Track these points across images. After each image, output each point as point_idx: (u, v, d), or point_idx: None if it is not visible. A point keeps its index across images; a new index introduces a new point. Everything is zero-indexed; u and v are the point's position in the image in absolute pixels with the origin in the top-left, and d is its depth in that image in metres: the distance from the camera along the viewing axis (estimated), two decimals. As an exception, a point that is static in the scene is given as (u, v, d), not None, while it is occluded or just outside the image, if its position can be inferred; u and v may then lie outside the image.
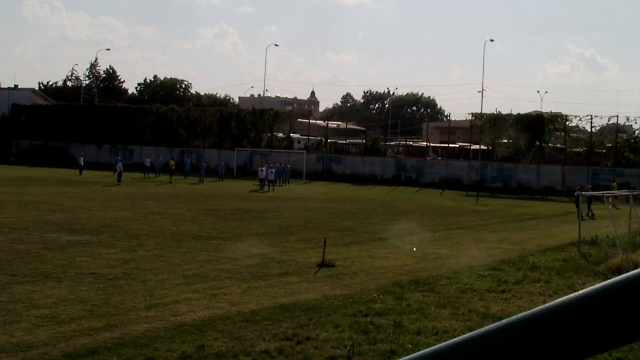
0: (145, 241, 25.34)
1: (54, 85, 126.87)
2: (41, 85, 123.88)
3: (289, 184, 61.10)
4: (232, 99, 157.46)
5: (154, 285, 17.41)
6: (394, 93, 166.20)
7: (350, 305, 15.98)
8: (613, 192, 39.56)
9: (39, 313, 14.32)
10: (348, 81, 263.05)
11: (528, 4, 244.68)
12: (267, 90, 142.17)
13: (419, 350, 1.29)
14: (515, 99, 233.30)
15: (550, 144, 74.57)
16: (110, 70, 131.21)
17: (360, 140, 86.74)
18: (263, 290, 17.45)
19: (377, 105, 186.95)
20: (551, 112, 79.10)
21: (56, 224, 29.11)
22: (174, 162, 67.44)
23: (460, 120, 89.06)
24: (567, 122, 71.72)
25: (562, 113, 74.19)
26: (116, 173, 59.44)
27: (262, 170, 60.04)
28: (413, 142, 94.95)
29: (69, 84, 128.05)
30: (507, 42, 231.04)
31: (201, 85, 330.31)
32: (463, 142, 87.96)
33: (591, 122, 69.84)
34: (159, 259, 21.56)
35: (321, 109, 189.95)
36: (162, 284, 17.69)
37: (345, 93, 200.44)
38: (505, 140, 74.77)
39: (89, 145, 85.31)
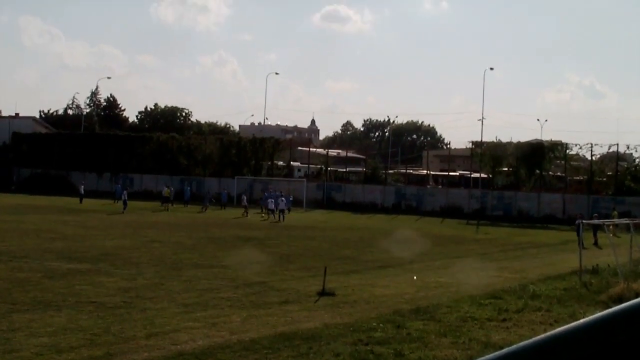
0: (145, 269, 25.29)
1: (55, 113, 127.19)
2: (42, 114, 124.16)
3: (288, 212, 60.93)
4: (233, 127, 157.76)
5: (154, 314, 17.35)
6: (394, 121, 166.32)
7: (351, 334, 15.91)
8: (614, 220, 39.54)
9: (38, 342, 14.26)
10: (348, 109, 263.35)
11: (526, 32, 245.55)
12: (267, 119, 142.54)
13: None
14: (515, 127, 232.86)
15: (550, 172, 74.59)
16: (111, 99, 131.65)
17: (361, 169, 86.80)
18: (263, 318, 17.39)
19: (377, 134, 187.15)
20: (551, 140, 79.21)
21: (56, 252, 29.07)
22: (169, 190, 67.23)
23: (461, 149, 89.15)
24: (567, 150, 71.84)
25: (562, 141, 74.33)
26: (120, 201, 59.86)
27: (244, 197, 65.34)
28: (413, 170, 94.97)
29: (70, 112, 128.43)
30: (506, 70, 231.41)
31: (201, 113, 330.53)
32: (463, 171, 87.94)
33: (591, 150, 69.99)
34: (159, 287, 21.50)
35: (321, 137, 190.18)
36: (162, 312, 17.63)
37: (345, 121, 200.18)
38: (506, 169, 74.80)
39: (89, 173, 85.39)
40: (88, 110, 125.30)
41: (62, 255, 28.37)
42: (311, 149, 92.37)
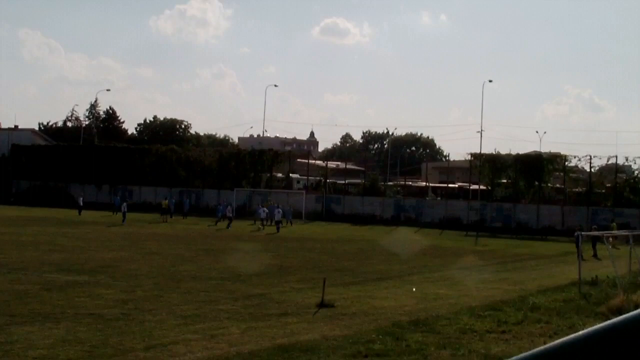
0: (144, 281, 25.25)
1: (54, 125, 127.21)
2: (41, 126, 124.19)
3: (287, 224, 61.17)
4: (232, 139, 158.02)
5: (152, 326, 17.31)
6: (393, 133, 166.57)
7: (350, 346, 15.87)
8: (613, 232, 39.53)
9: (37, 354, 14.22)
10: (347, 121, 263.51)
11: (525, 45, 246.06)
12: (266, 131, 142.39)
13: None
14: (514, 139, 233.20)
15: (549, 184, 74.59)
16: (110, 111, 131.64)
17: (360, 181, 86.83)
18: (262, 330, 17.36)
19: (376, 146, 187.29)
20: (550, 152, 79.25)
21: (55, 264, 29.03)
22: (167, 202, 67.53)
23: (460, 161, 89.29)
24: (566, 162, 71.82)
25: (561, 153, 74.33)
26: (119, 213, 60.06)
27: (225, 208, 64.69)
28: (412, 182, 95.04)
29: (69, 124, 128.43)
30: (505, 82, 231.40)
31: (200, 125, 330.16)
32: (462, 183, 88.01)
33: (590, 162, 70.03)
34: (157, 299, 21.46)
35: (320, 149, 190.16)
36: (160, 324, 17.59)
37: (344, 133, 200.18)
38: (505, 181, 74.82)
39: (88, 185, 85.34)
40: (87, 123, 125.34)
41: (61, 267, 28.34)
42: (310, 161, 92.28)
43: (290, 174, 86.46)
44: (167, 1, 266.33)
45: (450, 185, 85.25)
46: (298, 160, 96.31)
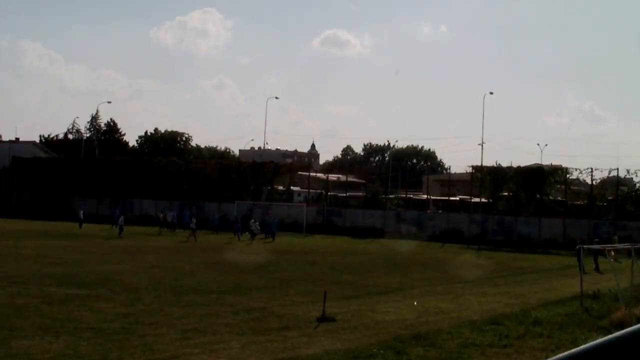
0: (144, 295, 25.20)
1: (55, 137, 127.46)
2: (42, 138, 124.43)
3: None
4: (233, 151, 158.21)
5: (152, 340, 17.26)
6: (394, 146, 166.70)
7: (351, 360, 15.82)
8: (614, 245, 39.43)
9: (36, 368, 14.17)
10: (348, 133, 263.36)
11: (525, 56, 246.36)
12: (267, 143, 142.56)
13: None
14: (515, 151, 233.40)
15: (551, 197, 74.49)
16: (111, 123, 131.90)
17: (361, 193, 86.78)
18: (262, 345, 17.30)
19: (377, 158, 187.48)
20: (551, 165, 79.25)
21: (55, 278, 28.99)
22: (163, 215, 67.68)
23: (461, 173, 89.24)
24: (568, 175, 71.78)
25: (562, 165, 74.32)
26: (117, 226, 59.86)
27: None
28: (413, 194, 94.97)
29: (70, 136, 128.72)
30: (506, 94, 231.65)
31: (201, 137, 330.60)
32: (463, 195, 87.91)
33: (592, 175, 69.90)
34: (158, 313, 21.41)
35: (321, 161, 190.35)
36: (161, 338, 17.54)
37: (345, 145, 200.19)
38: (506, 193, 74.75)
39: (89, 198, 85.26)
40: (88, 135, 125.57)
41: (61, 280, 28.30)
42: (311, 173, 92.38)
43: (291, 187, 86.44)
44: (167, 12, 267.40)
45: (451, 197, 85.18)
46: (299, 172, 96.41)
